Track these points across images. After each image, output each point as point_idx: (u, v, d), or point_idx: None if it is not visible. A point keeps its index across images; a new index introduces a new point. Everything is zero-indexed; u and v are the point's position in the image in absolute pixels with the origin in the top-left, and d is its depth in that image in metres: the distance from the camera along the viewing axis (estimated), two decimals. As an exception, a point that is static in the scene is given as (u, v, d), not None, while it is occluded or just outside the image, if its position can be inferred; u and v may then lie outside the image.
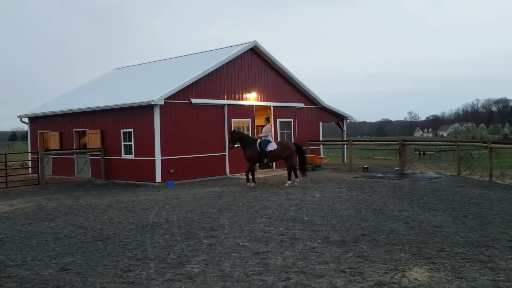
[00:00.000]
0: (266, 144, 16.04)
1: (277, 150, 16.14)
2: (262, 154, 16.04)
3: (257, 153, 16.03)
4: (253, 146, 16.07)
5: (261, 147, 16.02)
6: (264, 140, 16.13)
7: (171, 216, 10.80)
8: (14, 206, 13.48)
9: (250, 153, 16.04)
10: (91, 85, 28.67)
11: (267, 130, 16.34)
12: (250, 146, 16.10)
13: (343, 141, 26.95)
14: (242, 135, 16.41)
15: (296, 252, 7.36)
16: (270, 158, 16.22)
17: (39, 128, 25.18)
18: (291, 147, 16.55)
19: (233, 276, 6.19)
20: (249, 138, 16.65)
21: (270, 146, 16.06)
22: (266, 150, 15.97)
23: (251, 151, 16.03)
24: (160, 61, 28.52)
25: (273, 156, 16.26)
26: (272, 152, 16.09)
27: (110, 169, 20.37)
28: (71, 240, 8.65)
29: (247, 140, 16.33)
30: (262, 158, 16.14)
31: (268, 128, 16.40)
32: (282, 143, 16.84)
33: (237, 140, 16.07)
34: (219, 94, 20.69)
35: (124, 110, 19.57)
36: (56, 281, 6.17)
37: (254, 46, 22.19)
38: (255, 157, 16.08)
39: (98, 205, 13.00)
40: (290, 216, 10.43)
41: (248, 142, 16.23)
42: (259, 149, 16.02)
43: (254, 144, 16.15)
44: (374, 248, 7.53)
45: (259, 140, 16.20)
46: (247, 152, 16.11)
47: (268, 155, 16.07)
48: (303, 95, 25.13)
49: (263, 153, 16.01)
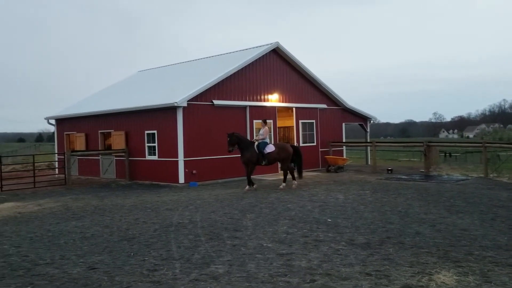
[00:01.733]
0: (264, 146, 15.89)
1: (275, 153, 15.97)
2: (260, 156, 15.87)
3: (255, 155, 15.84)
4: (251, 149, 15.87)
5: (259, 149, 15.85)
6: (262, 142, 15.96)
7: (194, 217, 10.89)
8: (42, 205, 13.79)
9: (249, 156, 15.83)
10: (116, 87, 29.13)
11: (265, 132, 16.19)
12: (248, 148, 15.89)
13: (366, 143, 26.70)
14: (241, 138, 16.13)
15: (320, 254, 7.32)
16: (267, 160, 16.03)
17: (65, 129, 25.71)
18: (288, 149, 16.39)
19: (258, 277, 6.20)
20: (247, 140, 16.47)
21: (268, 148, 15.90)
22: (264, 152, 15.81)
23: (249, 153, 15.83)
24: (183, 63, 28.79)
25: (270, 159, 16.04)
26: (270, 155, 15.92)
27: (134, 170, 20.65)
28: (98, 239, 8.80)
29: (245, 142, 16.11)
30: (260, 160, 15.96)
31: (266, 130, 16.26)
32: (280, 145, 16.66)
33: (236, 142, 15.82)
34: (241, 96, 20.75)
35: (148, 111, 19.82)
36: (84, 280, 6.28)
37: (276, 47, 22.19)
38: (254, 159, 15.87)
39: (123, 205, 13.19)
40: (313, 218, 10.39)
41: (246, 144, 16.01)
42: (257, 151, 15.87)
43: (252, 146, 15.95)
44: (400, 251, 7.43)
45: (257, 142, 16.02)
46: (245, 154, 15.88)
47: (266, 157, 15.89)
48: (325, 96, 25.00)
49: (261, 155, 15.85)
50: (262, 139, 16.10)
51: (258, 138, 16.23)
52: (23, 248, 8.25)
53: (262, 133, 16.27)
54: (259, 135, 16.38)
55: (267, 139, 16.32)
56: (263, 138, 16.13)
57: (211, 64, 24.00)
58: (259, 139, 16.13)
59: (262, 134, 16.22)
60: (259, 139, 16.12)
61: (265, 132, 16.23)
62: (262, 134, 16.23)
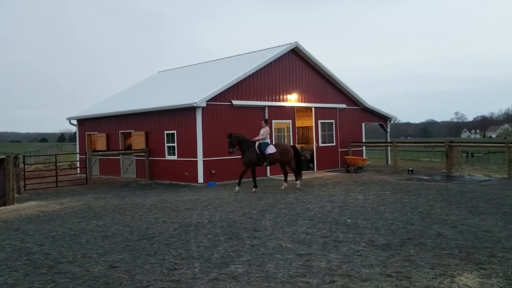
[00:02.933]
0: (266, 147, 15.64)
1: (277, 154, 15.77)
2: (261, 157, 15.65)
3: (256, 156, 15.59)
4: (252, 149, 15.63)
5: (260, 150, 15.61)
6: (264, 143, 15.70)
7: (213, 217, 10.93)
8: (64, 204, 14.02)
9: (249, 156, 15.58)
10: (136, 87, 29.46)
11: (266, 133, 15.86)
12: (249, 149, 15.63)
13: (386, 143, 26.41)
14: (241, 138, 15.77)
15: (340, 254, 7.27)
16: (269, 161, 15.78)
17: (87, 130, 26.10)
18: (290, 151, 16.22)
19: (277, 277, 6.18)
20: (248, 141, 15.97)
21: (269, 149, 15.66)
22: (266, 153, 15.59)
23: (249, 154, 15.58)
24: (202, 63, 28.93)
25: (272, 160, 15.83)
26: (271, 156, 15.70)
27: (154, 170, 20.84)
28: (118, 238, 8.91)
29: (246, 143, 15.77)
30: (261, 161, 15.71)
31: (267, 131, 15.91)
32: (281, 146, 16.36)
33: (236, 143, 15.54)
34: (260, 96, 20.75)
35: (167, 112, 19.99)
36: (106, 278, 6.36)
37: (295, 47, 22.13)
38: (255, 160, 15.62)
39: (143, 205, 13.33)
40: (333, 219, 10.32)
41: (247, 145, 15.72)
42: (258, 152, 15.62)
43: (253, 146, 15.70)
44: (421, 252, 7.33)
45: (257, 143, 15.78)
46: (246, 155, 15.62)
47: (267, 158, 15.66)
48: (345, 95, 24.82)
49: (262, 156, 15.62)
50: (263, 139, 15.79)
51: (259, 139, 15.90)
52: (45, 246, 8.40)
53: (263, 134, 15.91)
54: (260, 136, 16.00)
55: (268, 140, 16.00)
56: (263, 138, 15.81)
57: (230, 65, 24.07)
58: (259, 140, 15.85)
59: (263, 135, 15.87)
60: (260, 140, 15.83)
61: (265, 133, 15.88)
62: (263, 134, 15.88)
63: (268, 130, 16.12)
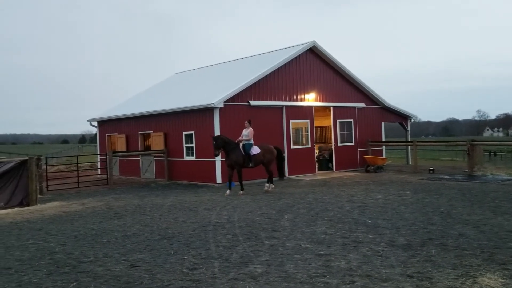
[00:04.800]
0: (250, 147, 15.32)
1: (261, 154, 15.51)
2: (246, 158, 15.32)
3: (241, 157, 15.26)
4: (237, 151, 15.28)
5: (245, 151, 15.28)
6: (247, 144, 15.35)
7: (232, 217, 10.96)
8: (85, 205, 14.24)
9: (235, 158, 15.22)
10: (154, 89, 29.74)
11: (250, 134, 15.46)
12: (234, 150, 15.27)
13: (407, 142, 26.10)
14: (226, 140, 15.39)
15: (360, 255, 7.21)
16: (254, 162, 15.44)
17: (107, 131, 26.46)
18: (273, 151, 15.98)
19: (296, 278, 6.17)
20: (232, 142, 15.52)
21: (254, 149, 15.39)
22: (251, 154, 15.28)
23: (235, 155, 15.22)
24: (219, 64, 29.03)
25: (257, 161, 15.50)
26: (256, 156, 15.44)
27: (172, 170, 21.01)
28: (139, 238, 9.01)
29: (230, 144, 15.40)
30: (246, 162, 15.36)
31: (251, 132, 15.51)
32: (264, 146, 15.97)
33: (222, 146, 15.20)
34: (278, 96, 20.73)
35: (186, 112, 20.12)
36: (127, 277, 6.44)
37: (312, 46, 22.03)
38: (241, 161, 15.28)
39: (163, 205, 13.45)
40: (352, 219, 10.25)
41: (231, 146, 15.35)
42: (243, 153, 15.31)
43: (238, 148, 15.35)
44: (442, 253, 7.23)
45: (241, 144, 15.40)
46: (232, 157, 15.27)
47: (252, 159, 15.36)
48: (364, 94, 24.61)
49: (247, 157, 15.29)
50: (247, 140, 15.43)
51: (242, 139, 15.50)
52: (68, 246, 8.54)
53: (247, 134, 15.50)
54: (243, 136, 15.57)
55: (252, 141, 15.56)
56: (248, 139, 15.43)
57: (248, 65, 24.10)
58: (242, 140, 15.45)
59: (247, 136, 15.47)
60: (243, 141, 15.44)
61: (250, 133, 15.48)
62: (247, 135, 15.47)
63: (252, 131, 15.63)
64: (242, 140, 15.47)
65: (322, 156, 23.52)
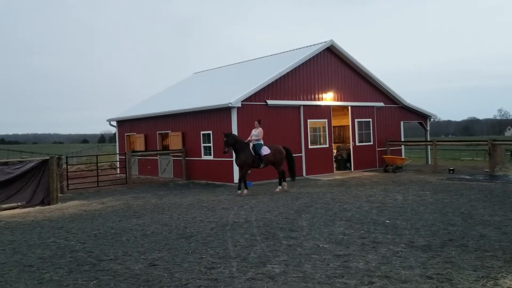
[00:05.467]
0: (260, 148, 15.15)
1: (271, 155, 15.32)
2: (257, 159, 15.16)
3: (251, 157, 15.09)
4: (247, 150, 15.11)
5: (255, 151, 15.12)
6: (258, 144, 15.17)
7: (250, 216, 10.98)
8: (105, 204, 14.42)
9: (245, 158, 15.05)
10: (172, 89, 29.96)
11: (260, 134, 15.27)
12: (244, 150, 15.10)
13: (426, 142, 25.76)
14: (237, 139, 15.25)
15: (378, 256, 7.15)
16: (264, 163, 15.27)
17: (126, 131, 26.75)
18: (282, 151, 15.77)
19: (315, 278, 6.15)
20: (243, 142, 15.37)
21: (264, 150, 15.20)
22: (261, 154, 15.11)
23: (245, 155, 15.05)
24: (237, 64, 29.09)
25: (267, 161, 15.32)
26: (267, 157, 15.24)
27: (190, 170, 21.13)
28: (157, 237, 9.09)
29: (241, 144, 15.21)
30: (256, 163, 15.22)
31: (261, 132, 15.32)
32: (274, 147, 15.80)
33: (232, 143, 15.01)
34: (295, 95, 20.67)
35: (203, 112, 20.22)
36: (146, 276, 6.51)
37: (330, 46, 21.92)
38: (250, 162, 15.11)
39: (181, 204, 13.54)
40: (371, 219, 10.17)
41: (241, 146, 15.17)
42: (253, 153, 15.12)
43: (248, 148, 15.18)
44: (463, 254, 7.12)
45: (251, 144, 15.23)
46: (241, 156, 15.08)
47: (263, 160, 15.20)
48: (382, 94, 24.38)
49: (257, 157, 15.14)
50: (257, 140, 15.27)
51: (251, 139, 15.33)
52: (88, 244, 8.67)
53: (256, 134, 15.29)
54: (253, 136, 15.37)
55: (262, 141, 15.40)
56: (258, 139, 15.26)
57: (265, 64, 24.09)
58: (252, 140, 15.28)
59: (257, 135, 15.27)
60: (253, 140, 15.26)
61: (260, 134, 15.28)
62: (257, 135, 15.27)
63: (262, 131, 15.48)
64: (252, 140, 15.34)
65: (340, 156, 23.37)
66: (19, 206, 14.27)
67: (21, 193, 14.76)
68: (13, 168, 14.97)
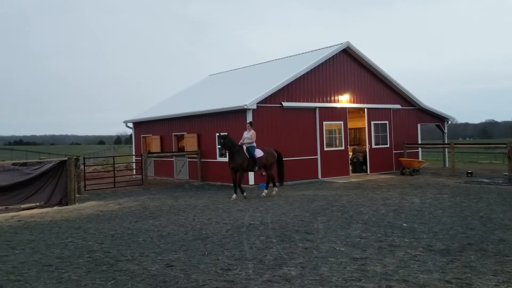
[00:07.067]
0: (254, 150, 14.92)
1: (264, 158, 15.11)
2: (251, 162, 14.91)
3: (246, 160, 14.83)
4: (241, 153, 14.84)
5: (249, 154, 14.87)
6: (251, 147, 14.92)
7: (265, 218, 10.96)
8: (121, 205, 14.55)
9: (240, 161, 14.75)
10: (188, 91, 30.12)
11: (253, 136, 15.01)
12: (239, 153, 14.83)
13: (444, 144, 25.45)
14: (233, 141, 14.93)
15: (396, 259, 7.07)
16: (258, 165, 15.01)
17: (142, 132, 26.97)
18: (275, 154, 15.55)
19: (331, 281, 6.11)
20: (237, 144, 15.04)
21: (257, 152, 14.96)
22: (255, 156, 14.89)
23: (240, 158, 14.76)
24: (252, 66, 29.13)
25: (260, 164, 15.07)
26: (260, 159, 15.00)
27: (206, 171, 21.20)
28: (173, 238, 9.13)
29: (236, 146, 14.93)
30: (251, 166, 14.98)
31: (254, 134, 15.07)
32: (266, 150, 15.56)
33: (230, 146, 14.75)
34: (311, 97, 20.60)
35: (219, 114, 20.28)
36: (163, 276, 6.54)
37: (346, 47, 21.81)
38: (245, 164, 14.84)
39: (196, 206, 13.58)
40: (388, 222, 10.07)
41: (236, 148, 14.88)
42: (248, 156, 14.88)
43: (242, 150, 14.90)
44: (482, 259, 7.00)
45: (245, 147, 14.95)
46: (237, 159, 14.76)
47: (257, 163, 14.94)
48: (399, 96, 24.16)
49: (251, 160, 14.88)
50: (250, 143, 15.00)
51: (244, 142, 15.05)
52: (105, 245, 8.75)
53: (249, 137, 15.04)
54: (246, 139, 15.11)
55: (255, 143, 15.14)
56: (251, 142, 15.00)
57: (280, 66, 24.08)
58: (245, 143, 15.02)
59: (250, 138, 15.02)
60: (246, 143, 15.00)
61: (253, 136, 15.03)
62: (250, 138, 15.02)
63: (255, 133, 15.23)
64: (245, 143, 15.11)
65: (356, 158, 23.21)
66: (38, 206, 14.48)
67: (40, 193, 14.99)
68: (32, 168, 15.22)
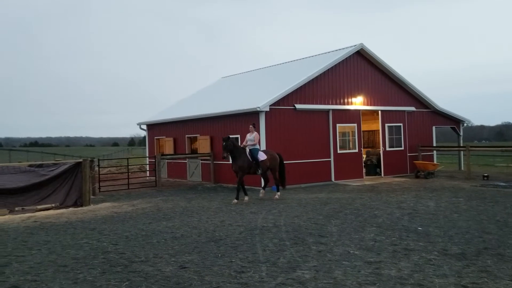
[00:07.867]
0: (257, 153, 14.74)
1: (267, 160, 14.93)
2: (254, 165, 14.74)
3: (248, 163, 14.67)
4: (243, 156, 14.69)
5: (252, 157, 14.70)
6: (255, 149, 14.74)
7: (278, 221, 10.94)
8: (135, 206, 14.64)
9: (241, 163, 14.61)
10: (201, 93, 30.24)
11: (256, 138, 14.82)
12: (241, 155, 14.68)
13: (459, 147, 25.15)
14: (235, 144, 14.81)
15: (411, 263, 7.00)
16: (262, 168, 14.82)
17: (155, 134, 27.15)
18: (277, 157, 15.37)
19: (346, 285, 6.07)
20: (240, 147, 14.94)
21: (261, 155, 14.79)
22: (259, 159, 14.69)
23: (241, 161, 14.62)
24: (265, 68, 29.13)
25: (264, 167, 14.90)
26: (263, 162, 14.83)
27: (219, 173, 21.25)
28: (187, 239, 9.16)
29: (238, 149, 14.78)
30: (253, 169, 14.81)
31: (257, 136, 14.91)
32: (270, 152, 15.39)
33: (231, 149, 14.53)
34: (324, 99, 20.53)
35: (231, 116, 20.31)
36: (176, 278, 6.56)
37: (360, 49, 21.70)
38: (246, 167, 14.68)
39: (209, 207, 13.61)
40: (402, 226, 9.98)
41: (239, 151, 14.73)
42: (250, 159, 14.72)
43: (244, 153, 14.76)
44: (499, 263, 6.90)
45: (248, 149, 14.80)
46: (238, 162, 14.63)
47: (260, 166, 14.76)
48: (413, 98, 23.96)
49: (254, 163, 14.71)
50: (253, 145, 14.81)
51: (247, 144, 14.88)
52: (120, 246, 8.81)
53: (252, 139, 14.82)
54: (248, 141, 14.90)
55: (258, 146, 15.00)
56: (253, 144, 14.81)
57: (293, 68, 24.05)
58: (247, 145, 14.85)
59: (252, 140, 14.80)
60: (249, 145, 14.83)
61: (255, 138, 14.83)
62: (252, 140, 14.80)
63: (257, 135, 15.07)
64: (247, 145, 14.98)
65: (369, 161, 23.06)
66: (53, 207, 14.65)
67: (55, 194, 15.16)
68: (47, 170, 15.41)
